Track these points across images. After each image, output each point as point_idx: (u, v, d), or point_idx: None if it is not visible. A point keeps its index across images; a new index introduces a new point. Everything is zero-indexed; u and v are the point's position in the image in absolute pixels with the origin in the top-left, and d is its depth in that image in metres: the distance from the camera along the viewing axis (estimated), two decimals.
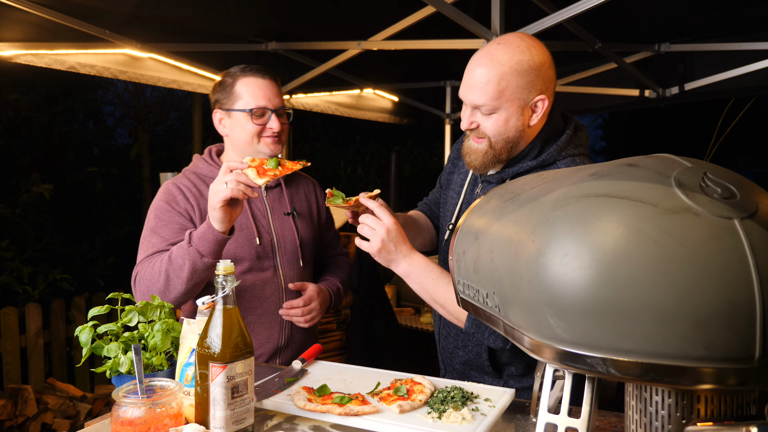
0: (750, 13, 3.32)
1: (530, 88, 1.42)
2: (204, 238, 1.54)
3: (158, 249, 1.66)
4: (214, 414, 1.07)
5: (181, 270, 1.55)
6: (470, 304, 1.00)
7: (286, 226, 1.85)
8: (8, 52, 2.75)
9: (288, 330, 1.83)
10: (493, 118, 1.44)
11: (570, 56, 4.04)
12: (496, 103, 1.42)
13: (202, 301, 1.14)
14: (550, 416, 0.88)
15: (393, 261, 1.46)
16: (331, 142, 8.64)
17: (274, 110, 1.76)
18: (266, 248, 1.79)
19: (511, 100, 1.42)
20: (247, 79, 1.76)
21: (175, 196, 1.74)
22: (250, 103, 1.74)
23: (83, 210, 5.97)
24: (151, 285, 1.59)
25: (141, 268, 1.64)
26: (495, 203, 0.98)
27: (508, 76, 1.40)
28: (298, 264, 1.86)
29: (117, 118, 7.89)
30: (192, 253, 1.54)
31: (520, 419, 1.27)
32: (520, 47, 1.42)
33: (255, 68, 1.78)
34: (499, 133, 1.45)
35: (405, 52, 3.44)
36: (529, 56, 1.41)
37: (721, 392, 0.75)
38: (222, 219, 1.51)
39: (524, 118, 1.45)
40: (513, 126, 1.45)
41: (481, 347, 1.58)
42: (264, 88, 1.76)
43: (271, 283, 1.80)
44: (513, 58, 1.40)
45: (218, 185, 1.50)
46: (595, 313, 0.71)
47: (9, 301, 4.09)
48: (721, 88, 3.78)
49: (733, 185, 0.76)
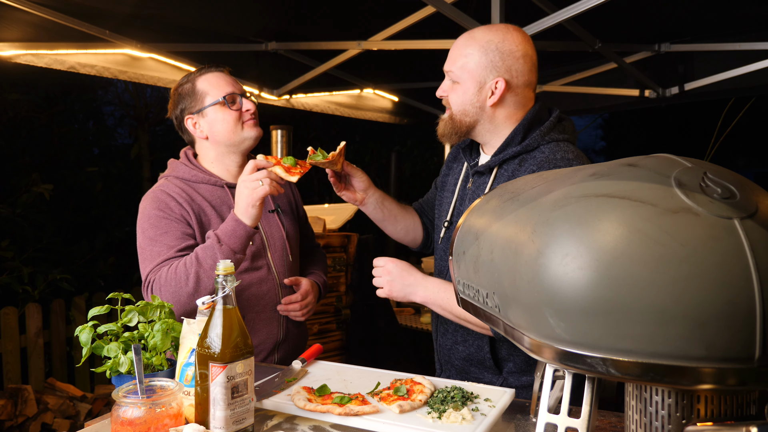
0: (750, 13, 3.32)
1: (491, 68, 1.52)
2: (235, 235, 1.59)
3: (167, 257, 1.64)
4: (214, 414, 1.07)
5: (212, 270, 1.56)
6: (470, 304, 1.00)
7: (272, 223, 1.88)
8: (8, 52, 2.75)
9: (285, 325, 1.87)
10: (455, 89, 1.57)
11: (570, 56, 4.03)
12: (459, 72, 1.54)
13: (202, 301, 1.14)
14: (550, 416, 0.88)
15: (409, 294, 1.54)
16: (331, 142, 8.64)
17: (241, 94, 1.79)
18: (258, 247, 1.82)
19: (470, 74, 1.53)
20: (204, 77, 1.80)
21: (167, 203, 1.70)
22: (218, 93, 1.76)
23: (83, 210, 5.97)
24: (179, 289, 1.57)
25: (156, 276, 1.61)
26: (495, 203, 0.98)
27: (475, 51, 1.52)
28: (288, 259, 1.88)
29: (117, 118, 7.89)
30: (225, 252, 1.58)
31: (520, 419, 1.27)
32: (500, 31, 1.54)
33: (206, 66, 1.83)
34: (457, 103, 1.57)
35: (405, 52, 3.43)
36: (502, 40, 1.52)
37: (721, 392, 0.75)
38: (258, 216, 1.60)
39: (481, 96, 1.54)
40: (469, 101, 1.55)
41: (482, 340, 1.59)
42: (222, 78, 1.80)
43: (267, 281, 1.82)
44: (485, 37, 1.53)
45: (253, 183, 1.57)
46: (595, 313, 0.71)
47: (9, 301, 4.09)
48: (721, 88, 3.77)
49: (733, 185, 0.76)
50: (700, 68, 3.82)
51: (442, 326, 1.72)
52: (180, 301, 1.58)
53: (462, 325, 1.59)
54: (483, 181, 1.62)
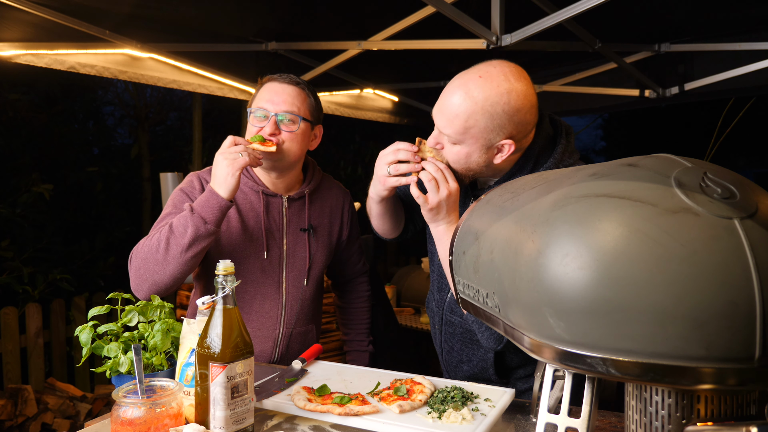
0: (750, 13, 3.32)
1: (499, 131, 1.36)
2: (208, 205, 1.54)
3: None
4: (214, 414, 1.07)
5: (182, 237, 1.52)
6: (470, 304, 1.00)
7: (299, 242, 1.82)
8: (8, 52, 2.75)
9: (283, 347, 1.81)
10: (456, 149, 1.42)
11: (570, 56, 4.04)
12: (461, 137, 1.38)
13: (202, 301, 1.14)
14: (550, 416, 0.88)
15: (436, 221, 1.44)
16: (331, 142, 8.64)
17: (275, 114, 1.71)
18: (273, 263, 1.77)
19: (475, 138, 1.38)
20: (267, 84, 1.76)
21: (194, 186, 1.74)
22: (256, 104, 1.74)
23: (83, 210, 5.98)
24: (149, 256, 1.55)
25: (138, 245, 1.61)
26: (495, 203, 0.98)
27: (478, 115, 1.34)
28: (303, 284, 1.82)
29: (117, 118, 7.89)
30: (195, 220, 1.53)
31: (520, 419, 1.27)
32: (500, 87, 1.34)
33: (281, 74, 1.77)
34: (459, 162, 1.43)
35: (405, 52, 3.43)
36: (506, 99, 1.33)
37: (721, 392, 0.75)
38: (235, 187, 1.55)
39: (488, 156, 1.41)
40: (474, 161, 1.42)
41: (486, 362, 1.57)
42: (273, 91, 1.73)
43: (272, 299, 1.77)
44: (488, 98, 1.33)
45: (233, 154, 1.55)
46: (595, 313, 0.71)
47: (9, 301, 4.10)
48: (721, 88, 3.77)
49: (733, 185, 0.76)
50: (700, 68, 3.82)
51: (447, 344, 1.68)
52: (149, 269, 1.54)
53: (466, 344, 1.58)
54: None
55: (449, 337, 1.66)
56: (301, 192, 1.83)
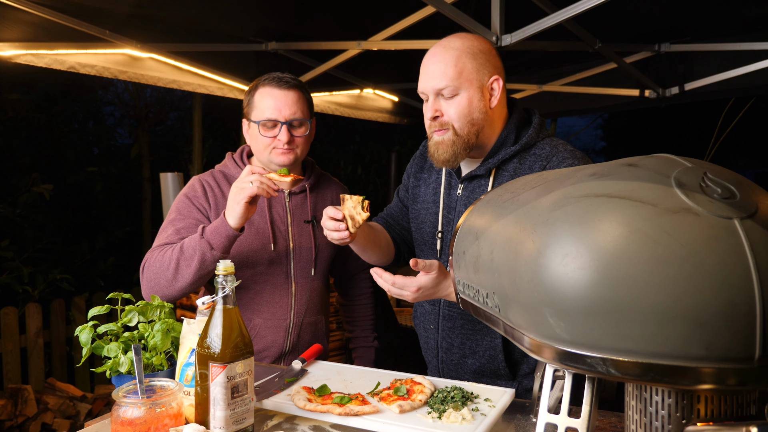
0: (750, 13, 3.31)
1: (484, 69, 1.51)
2: (216, 232, 1.59)
3: (171, 240, 1.70)
4: (214, 414, 1.07)
5: (191, 260, 1.59)
6: (470, 304, 1.00)
7: (304, 233, 1.85)
8: (8, 52, 2.75)
9: (294, 337, 1.83)
10: (456, 101, 1.50)
11: (570, 56, 4.03)
12: (457, 83, 1.48)
13: (202, 301, 1.14)
14: (550, 416, 0.88)
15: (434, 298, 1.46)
16: (331, 142, 8.64)
17: (285, 122, 1.72)
18: (280, 254, 1.80)
19: (470, 80, 1.49)
20: (264, 89, 1.76)
21: (197, 191, 1.78)
22: (261, 115, 1.73)
23: (83, 210, 5.97)
24: (160, 273, 1.62)
25: (151, 256, 1.68)
26: (495, 203, 0.98)
27: (463, 57, 1.49)
28: (311, 273, 1.86)
29: (117, 118, 7.88)
30: (203, 245, 1.58)
31: (520, 419, 1.27)
32: (467, 36, 1.54)
33: (275, 78, 1.76)
34: (464, 115, 1.50)
35: (405, 52, 3.43)
36: (476, 44, 1.52)
37: (721, 392, 0.75)
38: (241, 215, 1.57)
39: (485, 99, 1.51)
40: (476, 107, 1.50)
41: (495, 349, 1.56)
42: (277, 99, 1.73)
43: (281, 289, 1.81)
44: (464, 44, 1.51)
45: (243, 183, 1.56)
46: (595, 313, 0.71)
47: (9, 301, 4.10)
48: (721, 88, 3.77)
49: (733, 185, 0.76)
50: (700, 68, 3.82)
51: (445, 341, 1.66)
52: (159, 284, 1.62)
53: (468, 335, 1.58)
54: (478, 185, 1.59)
55: (448, 333, 1.65)
56: (302, 186, 1.89)
